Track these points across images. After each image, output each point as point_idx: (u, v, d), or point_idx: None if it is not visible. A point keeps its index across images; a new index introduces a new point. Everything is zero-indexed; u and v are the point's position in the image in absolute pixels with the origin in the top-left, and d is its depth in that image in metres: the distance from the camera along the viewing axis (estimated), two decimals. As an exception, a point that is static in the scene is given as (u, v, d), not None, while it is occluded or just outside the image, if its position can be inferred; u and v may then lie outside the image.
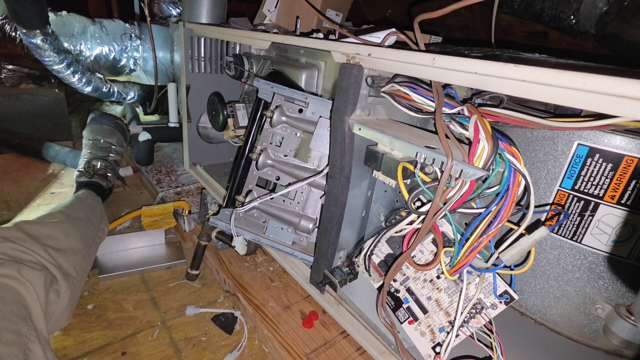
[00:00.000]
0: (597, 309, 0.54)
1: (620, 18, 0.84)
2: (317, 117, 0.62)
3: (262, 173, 0.68)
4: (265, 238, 0.67)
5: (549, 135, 0.52)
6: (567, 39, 1.26)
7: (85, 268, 0.71)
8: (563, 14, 0.96)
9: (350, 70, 0.49)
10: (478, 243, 0.44)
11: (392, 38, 0.58)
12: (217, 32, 0.87)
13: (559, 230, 0.54)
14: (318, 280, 0.62)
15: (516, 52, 0.64)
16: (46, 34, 1.10)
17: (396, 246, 0.57)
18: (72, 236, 0.70)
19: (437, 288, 0.51)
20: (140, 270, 0.80)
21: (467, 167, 0.39)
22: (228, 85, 1.01)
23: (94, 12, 2.12)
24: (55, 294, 0.61)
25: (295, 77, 0.71)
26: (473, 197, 0.43)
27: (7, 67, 1.51)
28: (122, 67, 1.48)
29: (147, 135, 1.24)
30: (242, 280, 0.76)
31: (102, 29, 1.40)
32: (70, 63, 1.20)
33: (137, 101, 1.48)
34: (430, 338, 0.50)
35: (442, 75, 0.41)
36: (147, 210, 0.94)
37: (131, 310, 0.71)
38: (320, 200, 0.64)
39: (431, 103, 0.46)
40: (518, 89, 0.35)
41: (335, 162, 0.54)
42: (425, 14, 0.52)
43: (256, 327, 0.68)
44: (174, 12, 1.57)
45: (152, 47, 1.33)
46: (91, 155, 1.04)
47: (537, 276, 0.57)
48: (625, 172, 0.47)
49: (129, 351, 0.62)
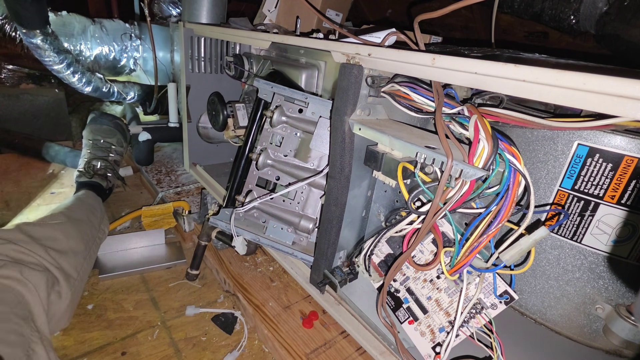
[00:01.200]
0: (597, 309, 0.54)
1: (620, 18, 0.84)
2: (317, 117, 0.62)
3: (262, 173, 0.68)
4: (265, 238, 0.67)
5: (549, 135, 0.52)
6: (567, 39, 1.26)
7: (86, 269, 0.71)
8: (563, 14, 0.96)
9: (350, 70, 0.49)
10: (478, 243, 0.44)
11: (392, 38, 0.58)
12: (217, 32, 0.87)
13: (559, 230, 0.54)
14: (318, 280, 0.62)
15: (516, 52, 0.64)
16: (46, 34, 1.10)
17: (396, 246, 0.57)
18: (72, 237, 0.70)
19: (437, 288, 0.51)
20: (140, 270, 0.80)
21: (467, 167, 0.39)
22: (228, 85, 1.01)
23: (94, 12, 2.12)
24: (57, 295, 0.61)
25: (295, 77, 0.71)
26: (473, 197, 0.43)
27: (7, 67, 1.51)
28: (122, 67, 1.48)
29: (147, 135, 1.24)
30: (242, 280, 0.76)
31: (102, 29, 1.40)
32: (70, 63, 1.20)
33: (137, 101, 1.48)
34: (430, 338, 0.50)
35: (442, 75, 0.41)
36: (147, 211, 0.94)
37: (131, 310, 0.71)
38: (320, 200, 0.64)
39: (431, 103, 0.46)
40: (518, 89, 0.35)
41: (335, 162, 0.54)
42: (425, 14, 0.52)
43: (256, 327, 0.68)
44: (174, 12, 1.57)
45: (152, 47, 1.33)
46: (91, 155, 1.04)
47: (537, 276, 0.57)
48: (625, 172, 0.47)
49: (129, 351, 0.62)
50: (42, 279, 0.58)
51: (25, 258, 0.60)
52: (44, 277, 0.58)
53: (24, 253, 0.61)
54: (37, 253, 0.62)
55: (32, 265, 0.59)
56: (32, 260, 0.61)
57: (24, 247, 0.61)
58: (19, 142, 1.30)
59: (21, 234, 0.64)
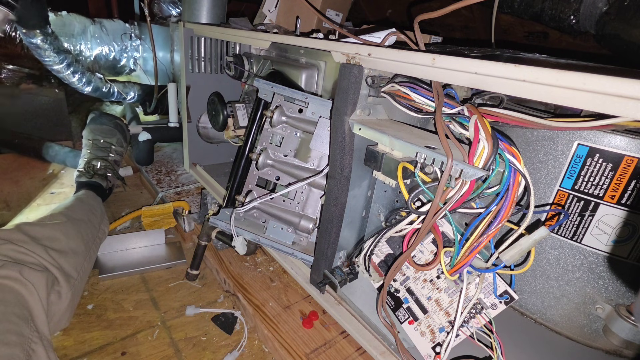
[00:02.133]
0: (597, 309, 0.54)
1: (620, 18, 0.84)
2: (317, 117, 0.62)
3: (262, 173, 0.68)
4: (265, 238, 0.67)
5: (549, 135, 0.52)
6: (567, 39, 1.26)
7: (86, 269, 0.71)
8: (563, 14, 0.96)
9: (350, 70, 0.49)
10: (478, 243, 0.44)
11: (392, 38, 0.58)
12: (217, 32, 0.87)
13: (559, 230, 0.54)
14: (318, 280, 0.62)
15: (516, 52, 0.64)
16: (46, 34, 1.10)
17: (396, 246, 0.57)
18: (72, 237, 0.70)
19: (437, 288, 0.51)
20: (140, 270, 0.80)
21: (467, 167, 0.39)
22: (228, 85, 1.01)
23: (94, 12, 2.12)
24: (57, 295, 0.61)
25: (295, 77, 0.71)
26: (473, 197, 0.43)
27: (7, 67, 1.50)
28: (122, 67, 1.48)
29: (147, 135, 1.24)
30: (242, 280, 0.76)
31: (102, 29, 1.40)
32: (70, 63, 1.20)
33: (137, 101, 1.48)
34: (430, 338, 0.50)
35: (442, 75, 0.41)
36: (147, 211, 0.95)
37: (131, 310, 0.71)
38: (320, 200, 0.64)
39: (431, 103, 0.46)
40: (518, 89, 0.35)
41: (335, 162, 0.54)
42: (425, 14, 0.52)
43: (256, 327, 0.68)
44: (174, 12, 1.57)
45: (152, 47, 1.33)
46: (91, 155, 1.04)
47: (537, 276, 0.57)
48: (625, 172, 0.47)
49: (129, 351, 0.62)
50: (42, 279, 0.58)
51: (25, 258, 0.60)
52: (43, 277, 0.58)
53: (24, 253, 0.61)
54: (36, 253, 0.62)
55: (32, 266, 0.59)
56: (32, 260, 0.61)
57: (23, 247, 0.61)
58: (19, 142, 1.30)
59: (21, 234, 0.64)
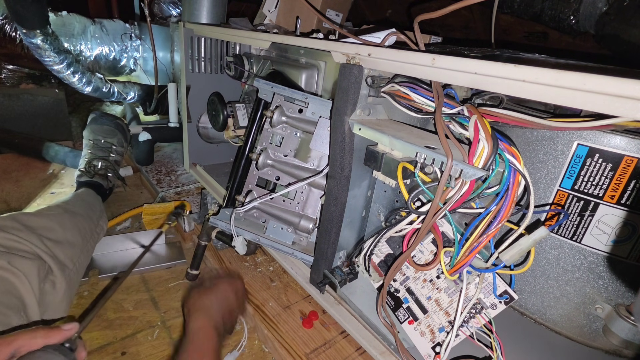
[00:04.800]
0: (597, 309, 0.54)
1: (620, 18, 0.84)
2: (317, 117, 0.62)
3: (262, 173, 0.68)
4: (265, 238, 0.67)
5: (549, 135, 0.52)
6: (567, 39, 1.26)
7: (83, 262, 0.71)
8: (563, 14, 0.96)
9: (350, 70, 0.49)
10: (478, 243, 0.44)
11: (392, 38, 0.58)
12: (217, 32, 0.87)
13: (558, 230, 0.54)
14: (318, 280, 0.62)
15: (516, 52, 0.64)
16: (46, 34, 1.10)
17: (396, 246, 0.57)
18: (69, 229, 0.70)
19: (437, 288, 0.51)
20: (140, 270, 0.80)
21: (467, 167, 0.39)
22: (228, 85, 1.01)
23: (94, 12, 2.12)
24: (51, 284, 0.60)
25: (295, 77, 0.71)
26: (473, 197, 0.43)
27: (7, 67, 1.51)
28: (122, 67, 1.48)
29: (147, 135, 1.24)
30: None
31: (102, 29, 1.40)
32: (71, 63, 1.20)
33: (137, 101, 1.48)
34: (430, 338, 0.50)
35: (442, 75, 0.41)
36: (148, 208, 0.94)
37: (131, 310, 0.71)
38: (320, 200, 0.64)
39: (431, 103, 0.46)
40: (518, 89, 0.35)
41: (335, 162, 0.54)
42: (425, 14, 0.52)
43: (256, 327, 0.68)
44: (174, 12, 1.57)
45: (152, 47, 1.33)
46: (92, 155, 1.04)
47: (537, 276, 0.58)
48: (625, 172, 0.47)
49: (129, 351, 0.62)
50: (32, 267, 0.57)
51: (16, 245, 0.59)
52: (34, 265, 0.57)
53: (16, 241, 0.59)
54: (30, 241, 0.60)
55: (23, 253, 0.58)
56: (24, 248, 0.59)
57: (15, 234, 0.60)
58: (19, 142, 1.30)
59: (14, 222, 0.62)
